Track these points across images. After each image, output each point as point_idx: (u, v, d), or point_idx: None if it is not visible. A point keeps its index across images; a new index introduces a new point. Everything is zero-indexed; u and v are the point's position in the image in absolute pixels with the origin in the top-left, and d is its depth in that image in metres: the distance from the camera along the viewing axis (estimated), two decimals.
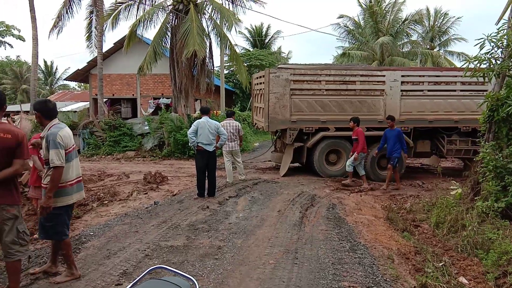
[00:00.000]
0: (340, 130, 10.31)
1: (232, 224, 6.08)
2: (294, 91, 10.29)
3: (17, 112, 19.13)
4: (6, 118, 14.29)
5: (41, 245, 5.17)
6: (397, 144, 9.15)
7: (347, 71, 10.52)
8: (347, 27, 30.34)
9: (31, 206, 6.99)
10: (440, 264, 4.60)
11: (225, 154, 9.58)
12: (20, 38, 6.55)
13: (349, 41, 31.01)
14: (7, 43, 6.55)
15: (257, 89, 11.93)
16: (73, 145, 4.09)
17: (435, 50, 31.91)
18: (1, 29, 6.50)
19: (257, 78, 12.14)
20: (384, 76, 10.44)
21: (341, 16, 29.89)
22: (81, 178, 4.24)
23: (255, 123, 12.75)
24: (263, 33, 37.94)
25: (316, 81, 10.34)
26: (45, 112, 3.97)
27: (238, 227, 5.92)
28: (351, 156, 9.48)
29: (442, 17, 33.20)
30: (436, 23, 33.44)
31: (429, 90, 10.53)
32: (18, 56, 49.74)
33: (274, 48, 39.55)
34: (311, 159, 10.56)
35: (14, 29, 6.39)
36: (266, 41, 38.30)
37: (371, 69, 12.21)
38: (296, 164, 11.64)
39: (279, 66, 11.48)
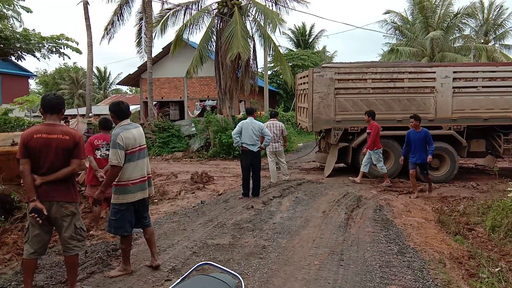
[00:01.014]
0: (387, 130, 10.02)
1: (276, 224, 6.11)
2: (339, 90, 10.14)
3: (74, 116, 20.38)
4: (64, 121, 15.28)
5: (96, 241, 5.49)
6: (422, 148, 8.12)
7: (395, 68, 10.21)
8: (395, 23, 29.36)
9: (87, 204, 7.44)
10: (496, 269, 4.36)
11: (269, 154, 9.63)
12: (77, 51, 6.98)
13: (396, 38, 30.02)
14: (65, 54, 7.05)
15: (301, 89, 11.88)
16: (139, 145, 4.18)
17: (490, 44, 30.05)
18: (61, 41, 6.98)
19: (301, 78, 12.08)
20: (434, 72, 10.01)
21: (388, 12, 28.97)
22: (145, 178, 4.27)
23: (299, 123, 12.70)
24: (307, 32, 37.66)
25: (361, 79, 10.14)
26: (118, 112, 4.21)
27: (282, 227, 5.94)
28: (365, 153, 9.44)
29: (498, 9, 31.19)
30: (491, 15, 31.47)
31: (483, 87, 9.96)
32: (75, 62, 52.85)
33: (318, 47, 39.15)
34: (357, 159, 10.34)
35: (72, 41, 6.83)
36: (310, 40, 37.99)
37: (421, 65, 11.76)
38: (341, 165, 11.45)
39: (323, 65, 11.36)
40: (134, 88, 42.56)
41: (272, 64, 28.43)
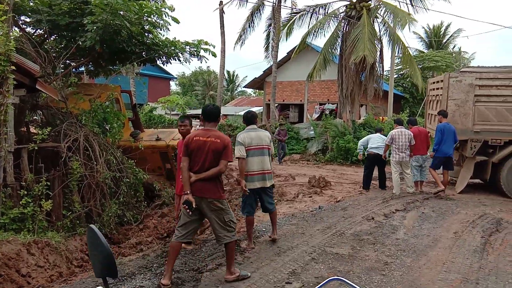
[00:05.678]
0: None
1: (400, 240, 5.76)
2: (480, 98, 9.07)
3: None
4: (196, 119, 16.78)
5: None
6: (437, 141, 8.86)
7: None
8: None
9: None
10: None
11: (394, 164, 9.12)
12: (213, 54, 7.77)
13: None
14: (204, 57, 7.92)
15: (433, 95, 10.95)
16: (256, 145, 5.11)
17: None
18: (201, 46, 7.82)
19: (434, 83, 11.14)
20: None
21: None
22: (264, 171, 5.17)
23: (429, 132, 11.71)
24: (441, 32, 34.50)
25: (509, 86, 8.89)
26: (245, 119, 5.38)
27: (406, 245, 5.57)
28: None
29: None
30: None
31: None
32: (208, 66, 57.78)
33: (454, 48, 35.54)
34: (498, 176, 9.10)
35: (209, 45, 7.64)
36: (444, 41, 34.71)
37: None
38: (476, 181, 10.23)
39: (462, 69, 10.28)
40: (257, 91, 44.62)
41: (400, 67, 26.84)
